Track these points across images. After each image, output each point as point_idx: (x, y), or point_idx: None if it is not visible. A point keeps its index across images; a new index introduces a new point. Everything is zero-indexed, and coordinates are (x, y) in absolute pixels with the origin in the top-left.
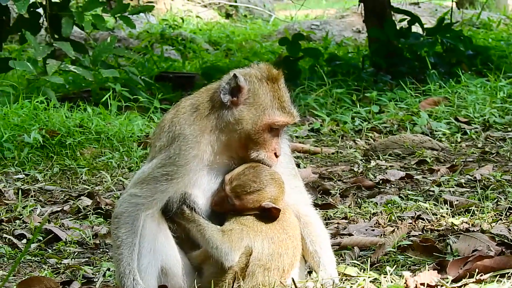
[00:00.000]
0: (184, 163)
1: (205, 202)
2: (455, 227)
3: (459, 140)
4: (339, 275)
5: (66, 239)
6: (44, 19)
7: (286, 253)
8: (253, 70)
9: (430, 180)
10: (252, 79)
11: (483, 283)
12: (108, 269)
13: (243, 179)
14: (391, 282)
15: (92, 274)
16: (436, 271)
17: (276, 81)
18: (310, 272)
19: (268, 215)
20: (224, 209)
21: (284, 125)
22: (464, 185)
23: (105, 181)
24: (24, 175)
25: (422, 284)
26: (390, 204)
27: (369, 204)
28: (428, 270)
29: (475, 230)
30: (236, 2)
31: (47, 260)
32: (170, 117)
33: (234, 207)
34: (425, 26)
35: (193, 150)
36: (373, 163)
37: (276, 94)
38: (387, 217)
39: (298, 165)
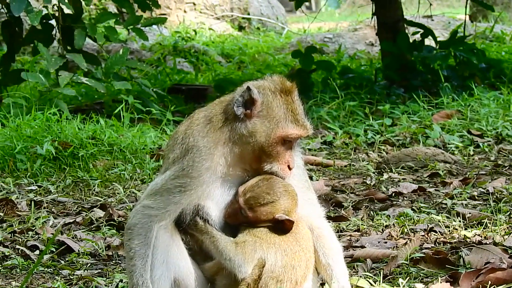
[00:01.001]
0: (198, 175)
1: (218, 214)
2: (468, 240)
3: (471, 153)
4: (352, 287)
5: (78, 250)
6: (57, 30)
7: (299, 265)
8: (267, 83)
9: (442, 192)
10: (265, 91)
11: None
12: (121, 281)
13: (256, 191)
14: None
15: (105, 285)
16: (448, 283)
17: (290, 94)
18: (322, 284)
19: (282, 227)
20: (237, 221)
21: (297, 137)
22: (476, 197)
23: (118, 193)
24: (36, 187)
25: None
26: (402, 217)
27: (381, 217)
28: (441, 282)
29: (488, 242)
30: (249, 14)
31: (60, 271)
32: (184, 129)
33: (248, 219)
34: (438, 39)
35: (207, 162)
36: (385, 175)
37: (290, 106)
38: (400, 230)
39: (310, 178)
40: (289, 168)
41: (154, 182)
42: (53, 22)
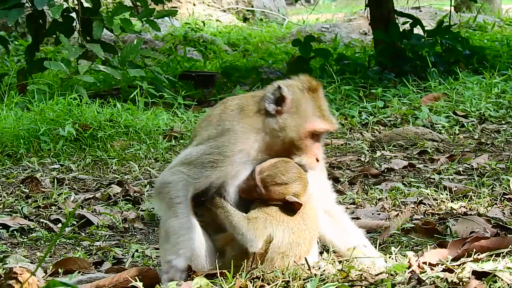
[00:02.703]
0: (231, 155)
1: (234, 190)
2: (454, 211)
3: (457, 132)
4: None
5: (97, 223)
6: (77, 22)
7: (304, 242)
8: (295, 82)
9: (431, 168)
10: (294, 89)
11: (480, 261)
12: (136, 251)
13: (274, 171)
14: (396, 261)
15: (122, 255)
16: (442, 250)
17: (316, 91)
18: (321, 253)
19: (291, 207)
20: (251, 197)
21: (324, 132)
22: (462, 173)
23: (133, 171)
24: (59, 165)
25: (424, 263)
26: (394, 191)
27: (375, 191)
28: (431, 249)
29: (473, 213)
30: (252, 7)
31: (81, 242)
32: (218, 112)
33: (261, 196)
34: (426, 28)
35: (241, 144)
36: (378, 153)
37: (317, 103)
38: (392, 202)
39: None
40: (317, 160)
41: (188, 152)
42: (73, 14)
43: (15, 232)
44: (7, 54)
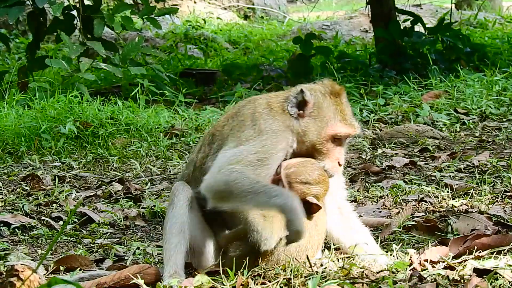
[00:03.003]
0: (275, 152)
1: None
2: (455, 209)
3: (458, 129)
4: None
5: (99, 221)
6: (78, 20)
7: (312, 247)
8: (318, 86)
9: (432, 166)
10: (316, 93)
11: (481, 259)
12: (138, 248)
13: (300, 169)
14: (397, 259)
15: (123, 252)
16: (443, 247)
17: (339, 96)
18: (323, 250)
19: (309, 209)
20: None
21: (346, 136)
22: (463, 170)
23: (135, 168)
24: (60, 163)
25: (426, 260)
26: (395, 188)
27: (376, 188)
28: (432, 247)
29: (474, 211)
30: (253, 4)
31: (82, 240)
32: (250, 112)
33: None
34: (426, 25)
35: (282, 143)
36: (379, 151)
37: (339, 107)
38: (393, 200)
39: None
40: (339, 165)
41: (232, 154)
42: (74, 12)
43: (16, 229)
44: (8, 52)
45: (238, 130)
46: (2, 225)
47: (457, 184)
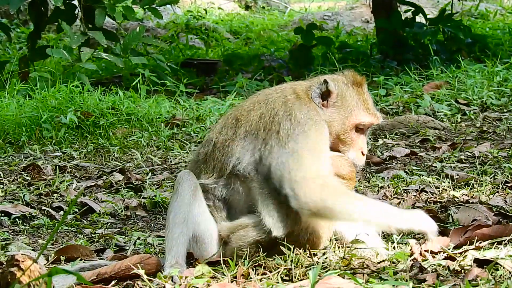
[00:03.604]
0: (324, 141)
1: None
2: (456, 199)
3: (459, 120)
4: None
5: (99, 211)
6: (79, 10)
7: (324, 233)
8: (340, 76)
9: (432, 156)
10: (339, 84)
11: (482, 249)
12: (138, 238)
13: (335, 163)
14: (398, 249)
15: (124, 242)
16: (444, 238)
17: (361, 86)
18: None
19: None
20: None
21: (369, 125)
22: (464, 161)
23: (135, 158)
24: (61, 153)
25: (426, 250)
26: (396, 179)
27: (377, 179)
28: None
29: (474, 201)
30: None
31: (83, 230)
32: (281, 101)
33: None
34: (428, 16)
35: (323, 129)
36: (380, 141)
37: (361, 97)
38: (394, 190)
39: None
40: (362, 154)
41: (287, 158)
42: (75, 2)
43: (17, 219)
44: (9, 41)
45: (272, 121)
46: (2, 215)
47: (457, 175)
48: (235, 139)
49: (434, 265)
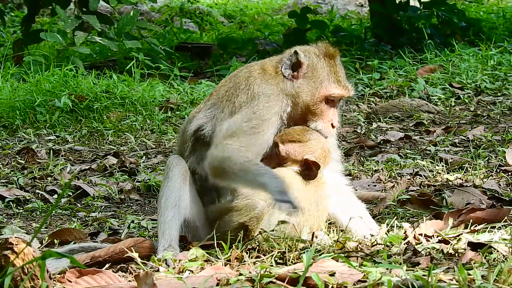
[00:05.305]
0: (268, 118)
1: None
2: (450, 183)
3: (453, 104)
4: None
5: (93, 194)
6: None
7: (308, 225)
8: (312, 48)
9: (426, 140)
10: (311, 55)
11: (476, 233)
12: (132, 221)
13: (290, 130)
14: (392, 232)
15: (118, 226)
16: (439, 221)
17: (333, 58)
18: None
19: (309, 172)
20: (271, 162)
21: (339, 97)
22: (458, 144)
23: (129, 142)
24: (55, 137)
25: (420, 234)
26: (390, 162)
27: (371, 162)
28: (427, 221)
29: (468, 185)
30: None
31: (76, 213)
32: (245, 76)
33: (279, 158)
34: (422, 0)
35: (275, 107)
36: (374, 125)
37: (333, 69)
38: (388, 174)
39: None
40: (332, 126)
41: (227, 126)
42: None
43: (10, 203)
44: (3, 25)
45: (232, 94)
46: None
47: (451, 158)
48: (201, 109)
49: (428, 248)
